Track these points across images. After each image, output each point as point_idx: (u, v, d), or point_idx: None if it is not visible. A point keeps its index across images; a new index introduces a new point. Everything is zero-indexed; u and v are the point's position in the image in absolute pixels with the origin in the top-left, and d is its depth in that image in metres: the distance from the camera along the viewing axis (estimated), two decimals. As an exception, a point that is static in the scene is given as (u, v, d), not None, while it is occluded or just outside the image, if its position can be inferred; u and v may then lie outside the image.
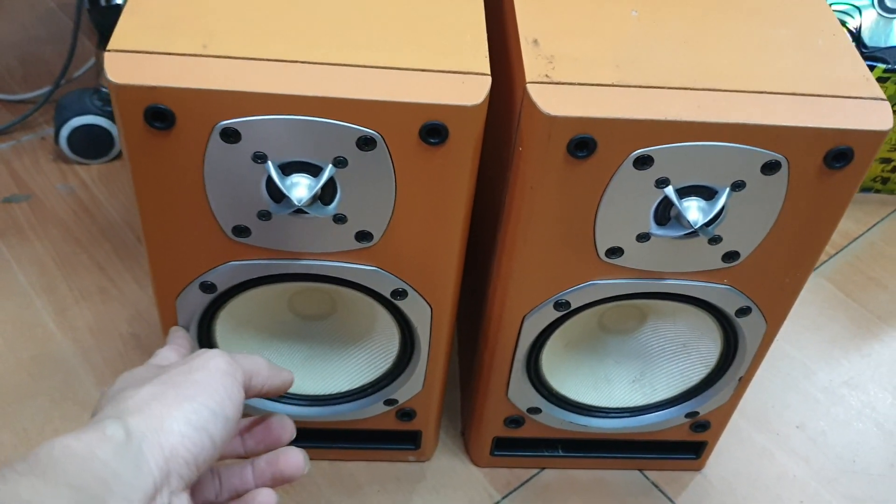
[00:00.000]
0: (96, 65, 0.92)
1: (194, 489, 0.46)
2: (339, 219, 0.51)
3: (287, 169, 0.48)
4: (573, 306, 0.57)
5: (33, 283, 0.82)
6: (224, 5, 0.49)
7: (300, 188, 0.48)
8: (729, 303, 0.58)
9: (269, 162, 0.48)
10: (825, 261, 0.95)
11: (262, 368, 0.49)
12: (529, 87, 0.47)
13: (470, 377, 0.70)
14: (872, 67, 0.91)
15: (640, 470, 0.73)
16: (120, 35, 0.46)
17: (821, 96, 0.49)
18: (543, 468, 0.73)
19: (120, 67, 0.45)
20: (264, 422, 0.52)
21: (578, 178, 0.49)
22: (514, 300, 0.57)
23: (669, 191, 0.50)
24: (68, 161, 0.95)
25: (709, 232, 0.51)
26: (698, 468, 0.74)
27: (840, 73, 0.51)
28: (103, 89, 0.91)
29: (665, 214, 0.52)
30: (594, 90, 0.48)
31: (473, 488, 0.71)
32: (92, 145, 0.93)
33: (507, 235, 0.54)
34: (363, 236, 0.52)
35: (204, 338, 0.60)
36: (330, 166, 0.48)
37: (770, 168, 0.49)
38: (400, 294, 0.56)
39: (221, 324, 0.59)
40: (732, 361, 0.63)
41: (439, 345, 0.61)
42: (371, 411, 0.66)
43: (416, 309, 0.57)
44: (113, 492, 0.37)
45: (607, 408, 0.67)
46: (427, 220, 0.52)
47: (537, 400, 0.65)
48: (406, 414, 0.67)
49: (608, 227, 0.52)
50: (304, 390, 0.65)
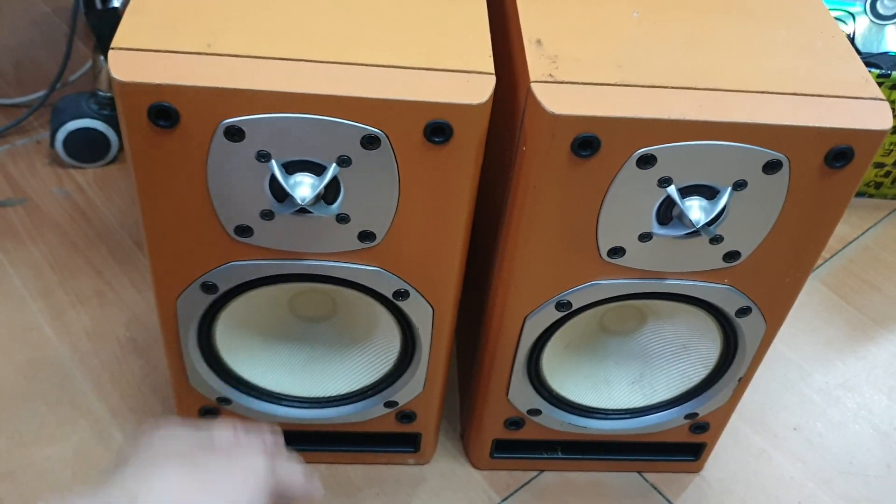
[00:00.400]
0: (93, 69, 0.91)
1: None
2: (342, 218, 0.51)
3: (290, 168, 0.48)
4: (574, 307, 0.57)
5: (29, 287, 0.81)
6: (228, 4, 0.49)
7: (304, 187, 0.48)
8: (729, 303, 0.58)
9: (273, 161, 0.48)
10: (820, 264, 0.95)
11: (297, 485, 0.47)
12: (534, 87, 0.48)
13: (469, 379, 0.70)
14: (866, 72, 0.92)
15: (639, 472, 0.73)
16: (124, 33, 0.46)
17: (821, 96, 0.49)
18: (542, 470, 0.73)
19: (124, 65, 0.45)
20: None
21: (582, 178, 0.50)
22: (516, 300, 0.57)
23: (672, 190, 0.50)
24: (64, 165, 0.94)
25: (710, 231, 0.51)
26: (697, 470, 0.74)
27: (840, 74, 0.51)
28: (100, 93, 0.91)
29: (667, 214, 0.52)
30: (598, 90, 0.48)
31: (473, 491, 0.71)
32: (88, 149, 0.92)
33: (510, 235, 0.54)
34: (366, 236, 0.52)
35: (204, 340, 0.59)
36: (334, 165, 0.48)
37: (771, 167, 0.50)
38: (402, 295, 0.56)
39: (222, 325, 0.59)
40: (732, 362, 0.63)
41: (440, 346, 0.61)
42: (371, 413, 0.65)
43: (418, 309, 0.57)
44: None
45: (607, 409, 0.67)
46: (430, 220, 0.52)
47: (537, 401, 0.65)
48: (406, 416, 0.66)
49: (610, 227, 0.52)
50: (305, 392, 0.64)
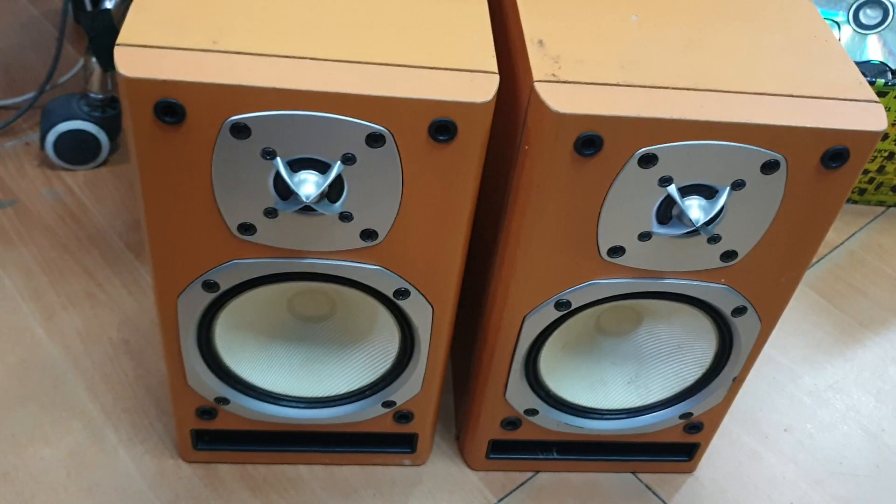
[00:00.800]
0: (84, 70, 0.91)
1: None
2: (346, 217, 0.51)
3: (295, 166, 0.48)
4: (574, 306, 0.57)
5: (20, 289, 0.81)
6: (233, 1, 0.49)
7: (308, 185, 0.48)
8: (725, 302, 0.58)
9: (278, 158, 0.48)
10: (808, 269, 0.97)
11: None
12: (537, 86, 0.48)
13: (466, 380, 0.70)
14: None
15: (634, 472, 0.74)
16: (130, 29, 0.46)
17: (818, 98, 0.50)
18: (538, 471, 0.73)
19: (131, 61, 0.45)
20: None
21: (584, 177, 0.50)
22: (516, 300, 0.57)
23: (672, 189, 0.51)
24: (53, 167, 0.94)
25: (709, 230, 0.52)
26: (690, 470, 0.75)
27: (835, 77, 0.52)
28: (91, 94, 0.90)
29: (667, 213, 0.52)
30: (601, 89, 0.48)
31: (469, 492, 0.71)
32: (79, 151, 0.92)
33: (511, 234, 0.55)
34: (368, 235, 0.53)
35: (203, 339, 0.59)
36: (338, 163, 0.48)
37: (769, 167, 0.50)
38: (402, 294, 0.56)
39: (221, 324, 0.59)
40: (727, 362, 0.64)
41: (439, 345, 0.61)
42: (369, 413, 0.65)
43: (418, 309, 0.57)
44: None
45: (603, 409, 0.67)
46: (432, 219, 0.52)
47: (534, 401, 0.65)
48: (403, 416, 0.66)
49: (611, 226, 0.53)
50: (303, 392, 0.64)
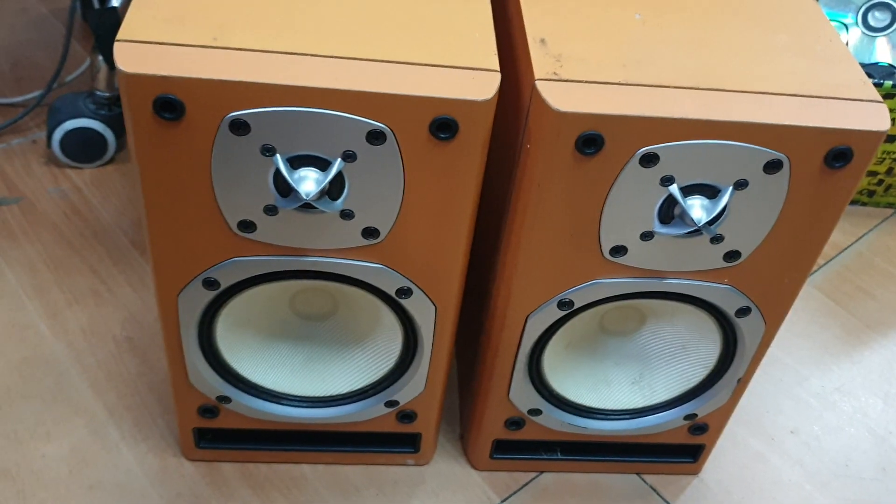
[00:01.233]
0: (91, 68, 0.91)
1: None
2: (347, 214, 0.51)
3: (295, 163, 0.48)
4: (576, 305, 0.57)
5: (25, 286, 0.81)
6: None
7: (308, 182, 0.48)
8: (729, 303, 0.58)
9: (278, 155, 0.48)
10: (815, 270, 0.96)
11: None
12: (539, 84, 0.48)
13: (470, 379, 0.70)
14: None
15: (638, 473, 0.74)
16: (130, 25, 0.46)
17: (822, 98, 0.50)
18: (542, 472, 0.73)
19: (130, 57, 0.45)
20: None
21: (585, 176, 0.50)
22: (519, 299, 0.57)
23: (674, 188, 0.50)
24: (60, 164, 0.94)
25: (711, 230, 0.51)
26: (695, 472, 0.74)
27: (839, 77, 0.51)
28: (98, 93, 0.91)
29: (669, 213, 0.52)
30: (602, 88, 0.48)
31: (472, 492, 0.71)
32: (85, 149, 0.92)
33: (513, 234, 0.54)
34: (370, 233, 0.52)
35: (204, 338, 0.59)
36: (339, 160, 0.48)
37: (772, 167, 0.50)
38: (405, 292, 0.56)
39: (222, 323, 0.59)
40: (731, 362, 0.63)
41: (442, 345, 0.61)
42: (372, 413, 0.65)
43: (421, 308, 0.57)
44: None
45: (607, 410, 0.67)
46: (434, 217, 0.52)
47: (538, 401, 0.65)
48: (406, 416, 0.66)
49: (613, 226, 0.52)
50: (305, 392, 0.64)
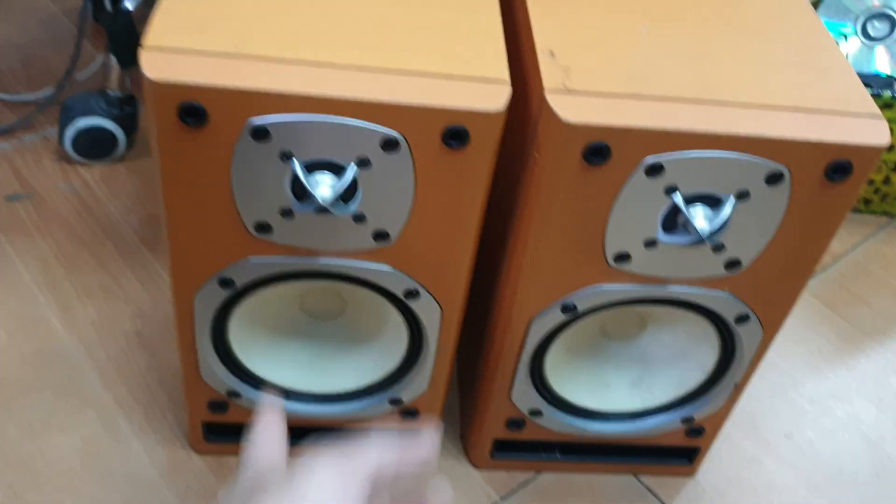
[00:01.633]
0: (103, 68, 0.93)
1: None
2: (359, 218, 0.53)
3: (311, 167, 0.50)
4: (580, 310, 0.59)
5: (37, 280, 0.82)
6: (254, 7, 0.51)
7: (324, 187, 0.50)
8: (729, 310, 0.60)
9: (295, 160, 0.49)
10: (812, 278, 0.98)
11: (391, 452, 0.40)
12: (548, 96, 0.49)
13: (471, 379, 0.71)
14: (859, 91, 0.94)
15: (635, 474, 0.75)
16: (155, 33, 0.48)
17: (823, 112, 0.51)
18: (541, 471, 0.74)
19: (156, 64, 0.46)
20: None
21: (592, 185, 0.51)
22: (523, 302, 0.59)
23: (678, 198, 0.52)
24: (71, 161, 0.96)
25: (714, 240, 0.53)
26: (691, 474, 0.76)
27: (840, 91, 0.53)
28: (110, 92, 0.92)
29: (672, 222, 0.54)
30: (609, 100, 0.50)
31: (472, 490, 0.72)
32: (96, 147, 0.94)
33: (519, 239, 0.56)
34: (380, 236, 0.54)
35: (218, 335, 0.61)
36: (353, 166, 0.50)
37: (774, 179, 0.52)
38: (412, 294, 0.58)
39: (235, 320, 0.60)
40: (729, 368, 0.65)
41: (446, 345, 0.62)
42: (376, 410, 0.67)
43: (427, 309, 0.59)
44: None
45: (606, 412, 0.69)
46: (443, 222, 0.54)
47: (539, 402, 0.67)
48: (410, 413, 0.68)
49: (618, 233, 0.54)
50: (312, 388, 0.66)
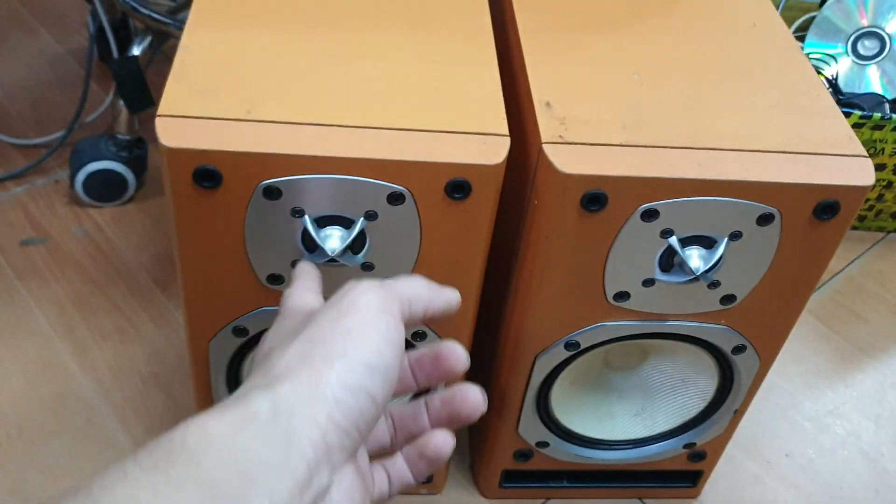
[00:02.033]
0: (112, 111, 0.95)
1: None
2: (367, 267, 0.55)
3: (321, 222, 0.52)
4: (582, 346, 0.61)
5: (53, 324, 0.85)
6: (263, 72, 0.53)
7: (333, 240, 0.52)
8: (726, 341, 0.62)
9: (306, 216, 0.52)
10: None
11: (422, 290, 0.43)
12: (545, 147, 0.52)
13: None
14: (848, 114, 0.97)
15: (640, 498, 0.77)
16: (168, 101, 0.50)
17: (810, 154, 0.54)
18: (549, 498, 0.76)
19: (171, 132, 0.49)
20: (434, 353, 0.45)
21: (590, 230, 0.54)
22: (527, 341, 0.61)
23: (673, 241, 0.54)
24: (82, 204, 0.98)
25: (708, 278, 0.55)
26: (695, 496, 0.78)
27: (826, 132, 0.55)
28: (118, 136, 0.95)
29: (669, 262, 0.56)
30: (604, 150, 0.52)
31: (483, 519, 0.74)
32: (107, 189, 0.96)
33: (522, 281, 0.58)
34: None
35: (232, 380, 0.63)
36: (361, 219, 0.52)
37: (764, 220, 0.54)
38: (420, 336, 0.60)
39: (248, 366, 0.63)
40: (728, 395, 0.67)
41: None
42: (388, 446, 0.69)
43: (435, 349, 0.61)
44: (255, 485, 0.31)
45: (611, 440, 0.71)
46: (448, 268, 0.56)
47: (545, 434, 0.69)
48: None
49: (616, 274, 0.56)
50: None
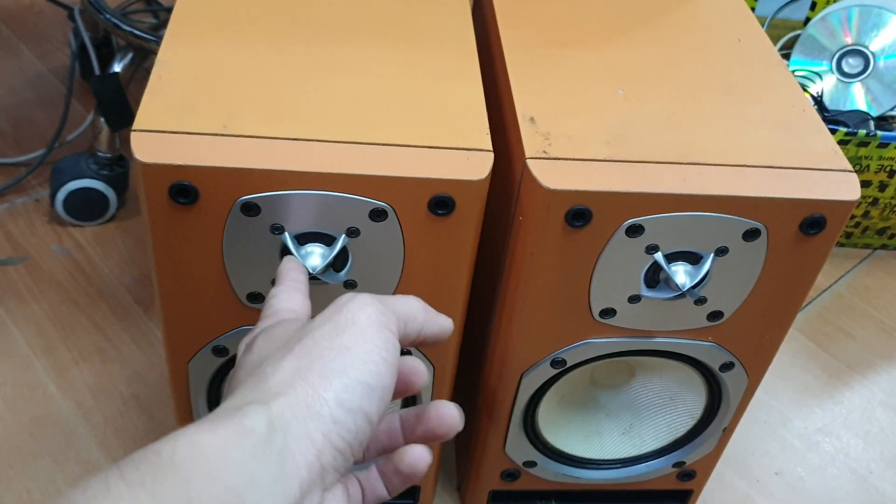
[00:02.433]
0: (92, 129, 0.94)
1: None
2: (350, 285, 0.54)
3: (302, 239, 0.51)
4: (569, 364, 0.60)
5: (32, 345, 0.83)
6: (241, 87, 0.52)
7: (314, 257, 0.51)
8: (713, 359, 0.61)
9: (286, 233, 0.51)
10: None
11: (418, 311, 0.42)
12: (529, 163, 0.51)
13: (466, 433, 0.72)
14: (834, 131, 0.97)
15: (630, 519, 0.76)
16: (144, 115, 0.49)
17: (795, 169, 0.53)
18: (537, 519, 0.75)
19: (146, 147, 0.48)
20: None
21: (575, 246, 0.53)
22: (513, 359, 0.60)
23: (659, 256, 0.53)
24: (63, 223, 0.97)
25: (695, 294, 0.55)
26: (685, 516, 0.77)
27: (811, 147, 0.55)
28: (99, 153, 0.94)
29: (654, 278, 0.55)
30: (589, 165, 0.51)
31: (470, 541, 0.73)
32: (88, 208, 0.95)
33: (507, 298, 0.57)
34: (371, 301, 0.55)
35: (213, 400, 0.62)
36: (343, 236, 0.51)
37: (750, 235, 0.53)
38: (404, 353, 0.59)
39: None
40: (717, 413, 0.66)
41: (440, 402, 0.63)
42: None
43: (419, 368, 0.60)
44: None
45: (599, 460, 0.70)
46: (432, 285, 0.55)
47: (533, 454, 0.68)
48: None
49: (602, 290, 0.56)
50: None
